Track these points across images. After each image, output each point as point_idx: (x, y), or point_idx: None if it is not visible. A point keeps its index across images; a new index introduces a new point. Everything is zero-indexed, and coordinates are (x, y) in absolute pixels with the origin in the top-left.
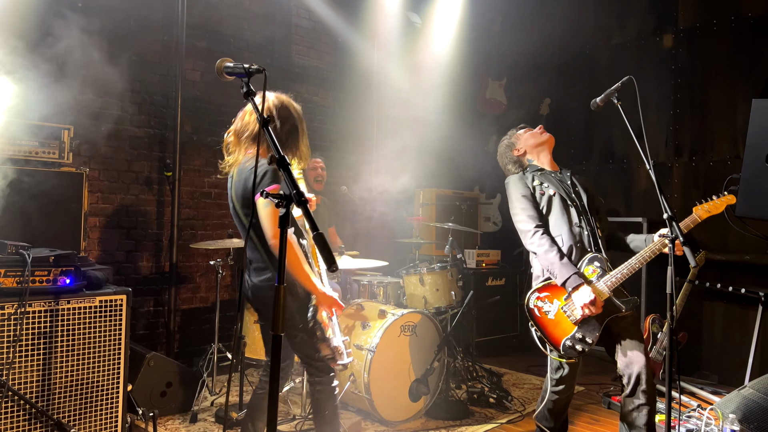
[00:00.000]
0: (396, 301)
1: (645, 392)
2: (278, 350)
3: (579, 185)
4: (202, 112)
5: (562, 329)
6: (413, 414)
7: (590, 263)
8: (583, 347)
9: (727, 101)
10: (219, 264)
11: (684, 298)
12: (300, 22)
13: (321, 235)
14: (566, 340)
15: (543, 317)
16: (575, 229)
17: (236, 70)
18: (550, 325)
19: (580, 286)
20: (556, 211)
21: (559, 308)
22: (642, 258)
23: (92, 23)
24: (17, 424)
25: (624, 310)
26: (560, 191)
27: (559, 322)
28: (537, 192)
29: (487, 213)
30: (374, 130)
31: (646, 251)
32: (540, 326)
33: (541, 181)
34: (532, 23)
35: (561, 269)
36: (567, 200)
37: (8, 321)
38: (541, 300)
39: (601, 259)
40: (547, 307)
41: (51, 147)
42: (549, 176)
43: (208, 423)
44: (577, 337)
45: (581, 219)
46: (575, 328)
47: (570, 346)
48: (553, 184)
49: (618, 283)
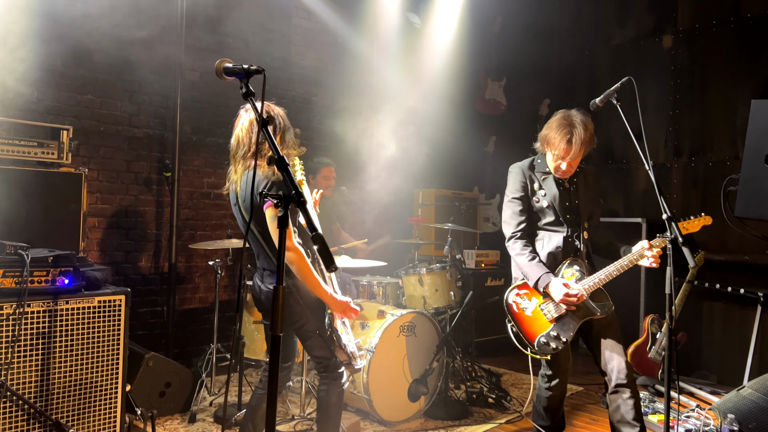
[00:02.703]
0: (395, 301)
1: (626, 386)
2: (277, 350)
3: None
4: (201, 112)
5: (538, 326)
6: (412, 414)
7: (570, 266)
8: (557, 345)
9: (726, 102)
10: (218, 264)
11: (683, 298)
12: (299, 22)
13: (320, 235)
14: (541, 336)
15: (520, 313)
16: (561, 237)
17: (235, 70)
18: (527, 322)
19: (551, 282)
20: (546, 219)
21: (537, 306)
22: (620, 265)
23: (91, 23)
24: (16, 425)
25: (598, 314)
26: (555, 203)
27: (535, 319)
28: (533, 197)
29: (487, 213)
30: (373, 131)
31: (624, 259)
32: (517, 322)
33: (540, 186)
34: (531, 24)
35: (531, 270)
36: (558, 212)
37: (7, 321)
38: (520, 297)
39: (581, 263)
40: (525, 303)
41: (50, 147)
42: (551, 183)
43: (206, 423)
44: (551, 334)
45: (569, 229)
46: (551, 326)
47: (544, 342)
48: (551, 193)
49: (595, 287)
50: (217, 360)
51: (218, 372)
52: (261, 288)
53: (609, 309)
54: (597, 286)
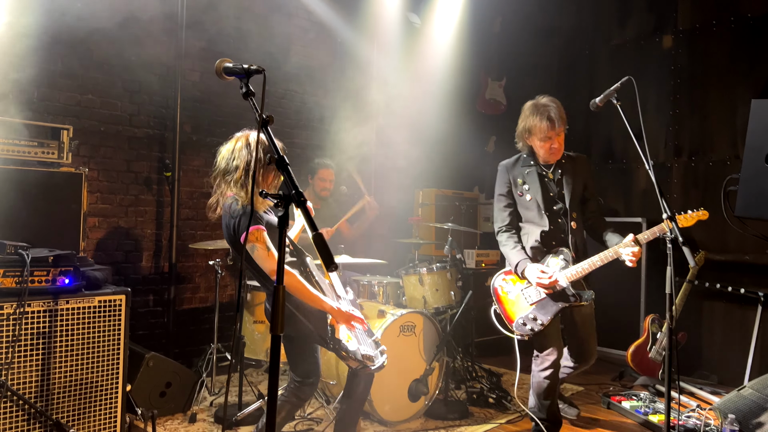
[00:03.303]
0: (395, 301)
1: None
2: (277, 350)
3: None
4: (201, 112)
5: (518, 308)
6: (412, 414)
7: (556, 255)
8: (533, 326)
9: (726, 102)
10: (218, 264)
11: (683, 298)
12: (299, 22)
13: (320, 235)
14: (519, 318)
15: (504, 296)
16: (546, 228)
17: (236, 70)
18: (509, 304)
19: (526, 267)
20: (531, 211)
21: (520, 291)
22: (604, 257)
23: (92, 23)
24: (16, 425)
25: (579, 300)
26: (538, 196)
27: (516, 302)
28: (516, 191)
29: (487, 213)
30: (374, 131)
31: (609, 251)
32: (499, 304)
33: (524, 181)
34: (531, 24)
35: (513, 256)
36: (541, 205)
37: (7, 321)
38: (505, 282)
39: (566, 253)
40: (509, 287)
41: (50, 147)
42: (535, 177)
43: (207, 423)
44: (529, 317)
45: (555, 220)
46: (530, 308)
47: (522, 324)
48: (534, 187)
49: (578, 276)
50: (217, 360)
51: (218, 372)
52: (267, 307)
53: (590, 297)
54: (580, 275)
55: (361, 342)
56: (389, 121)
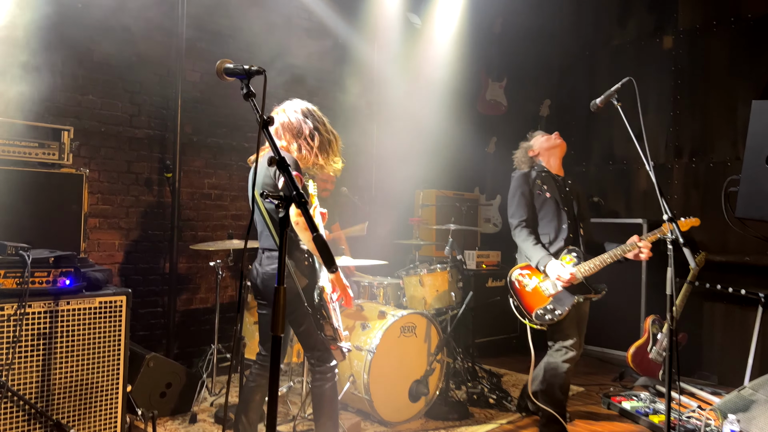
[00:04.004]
0: (396, 302)
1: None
2: (278, 351)
3: (574, 194)
4: (202, 113)
5: (536, 300)
6: (413, 415)
7: (569, 253)
8: (552, 317)
9: (727, 102)
10: (219, 265)
11: (684, 299)
12: (300, 22)
13: (320, 236)
14: (539, 309)
15: (522, 289)
16: (562, 229)
17: (236, 71)
18: (527, 297)
19: (549, 263)
20: (549, 212)
21: (537, 283)
22: (614, 254)
23: (92, 24)
24: (17, 425)
25: (593, 294)
26: (556, 196)
27: (535, 294)
28: (536, 191)
29: (487, 214)
30: (374, 131)
31: (617, 249)
32: (518, 297)
33: (542, 182)
34: (532, 24)
35: (534, 253)
36: (560, 204)
37: (8, 322)
38: (522, 276)
39: (578, 251)
40: (527, 281)
41: (51, 148)
42: (551, 180)
43: (207, 423)
44: (548, 308)
45: (568, 222)
46: (549, 300)
47: (541, 314)
48: (551, 188)
49: (590, 272)
50: (217, 360)
51: (219, 372)
52: (258, 270)
53: (602, 290)
54: (592, 271)
55: (338, 318)
56: (390, 121)
